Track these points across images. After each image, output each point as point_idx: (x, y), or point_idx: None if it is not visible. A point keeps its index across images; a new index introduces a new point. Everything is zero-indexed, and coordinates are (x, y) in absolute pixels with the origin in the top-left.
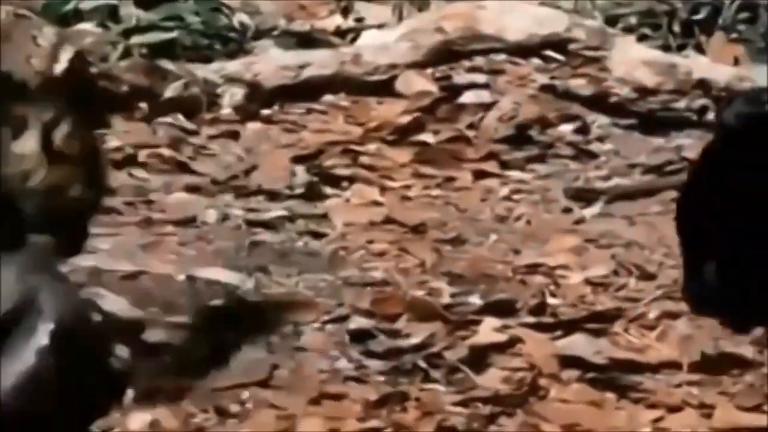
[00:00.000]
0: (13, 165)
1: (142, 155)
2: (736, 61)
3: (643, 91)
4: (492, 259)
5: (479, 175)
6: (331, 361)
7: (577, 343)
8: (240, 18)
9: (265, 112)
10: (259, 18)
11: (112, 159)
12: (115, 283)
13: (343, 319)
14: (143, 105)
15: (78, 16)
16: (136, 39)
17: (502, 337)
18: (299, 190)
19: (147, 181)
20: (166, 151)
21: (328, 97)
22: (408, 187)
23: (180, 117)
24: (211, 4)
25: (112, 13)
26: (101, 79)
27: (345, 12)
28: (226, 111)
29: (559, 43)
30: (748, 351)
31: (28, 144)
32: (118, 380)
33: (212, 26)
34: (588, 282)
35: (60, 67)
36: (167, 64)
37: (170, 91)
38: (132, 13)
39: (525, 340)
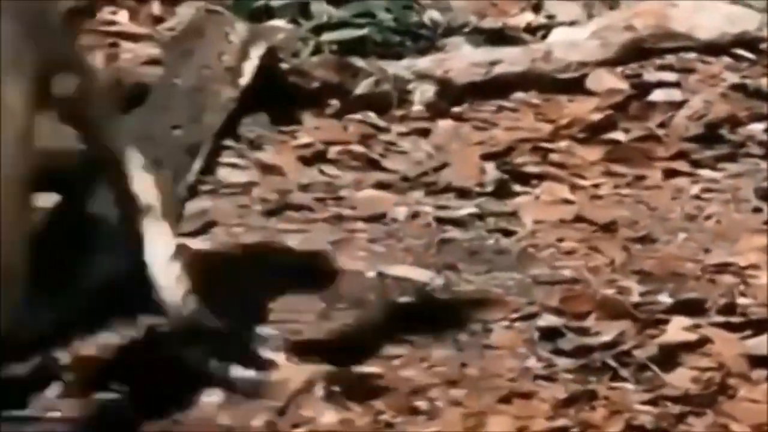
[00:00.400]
0: None
1: (333, 152)
2: None
3: None
4: (681, 258)
5: (670, 173)
6: (519, 359)
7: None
8: (431, 15)
9: (456, 109)
10: (450, 15)
11: (302, 155)
12: None
13: (533, 316)
14: (334, 101)
15: (269, 11)
16: (327, 36)
17: (691, 336)
18: (489, 188)
19: (337, 178)
20: (357, 148)
21: (519, 95)
22: (598, 185)
23: (370, 114)
24: (403, 2)
25: (302, 10)
26: (292, 75)
27: (536, 9)
28: (417, 108)
29: (750, 42)
30: None
31: None
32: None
33: (403, 23)
34: None
35: (250, 63)
36: (358, 61)
37: (361, 88)
38: (323, 10)
39: (714, 339)
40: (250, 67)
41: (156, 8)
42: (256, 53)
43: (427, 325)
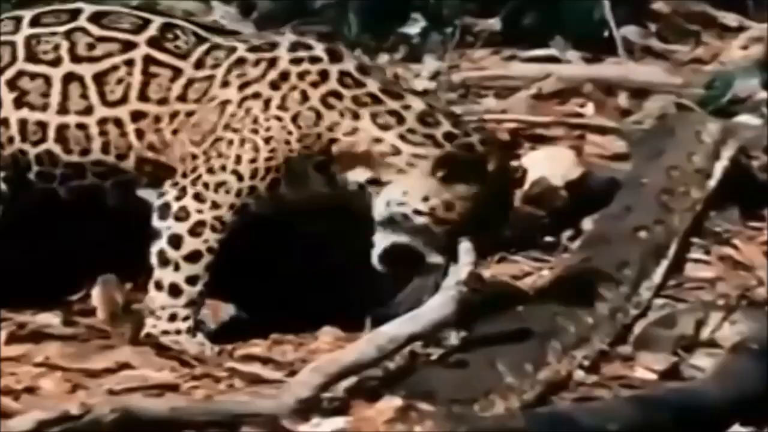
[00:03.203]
0: None
1: None
2: None
3: None
4: None
5: None
6: None
7: None
8: None
9: None
10: None
11: None
12: None
13: None
14: None
15: (734, 105)
16: None
17: None
18: None
19: None
20: None
21: None
22: None
23: None
24: None
25: None
26: (763, 172)
27: None
28: None
29: None
30: None
31: None
32: None
33: None
34: None
35: (720, 165)
36: None
37: None
38: None
39: None
40: (719, 168)
41: (623, 101)
42: (726, 153)
43: None
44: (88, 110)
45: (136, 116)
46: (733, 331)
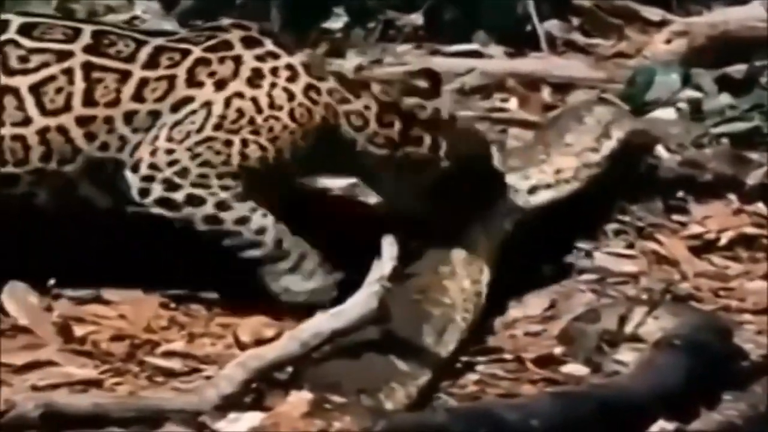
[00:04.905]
0: None
1: (723, 243)
2: None
3: None
4: None
5: None
6: None
7: None
8: None
9: None
10: None
11: (693, 246)
12: None
13: None
14: (727, 193)
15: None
16: (719, 128)
17: None
18: None
19: (727, 268)
20: (748, 239)
21: None
22: None
23: (761, 205)
24: None
25: (693, 101)
26: (685, 166)
27: None
28: None
29: None
30: None
31: None
32: None
33: None
34: None
35: (609, 143)
36: (750, 153)
37: (752, 179)
38: (717, 102)
39: None
40: (607, 146)
41: (546, 95)
42: (617, 134)
43: None
44: (25, 122)
45: (83, 121)
46: (656, 326)
